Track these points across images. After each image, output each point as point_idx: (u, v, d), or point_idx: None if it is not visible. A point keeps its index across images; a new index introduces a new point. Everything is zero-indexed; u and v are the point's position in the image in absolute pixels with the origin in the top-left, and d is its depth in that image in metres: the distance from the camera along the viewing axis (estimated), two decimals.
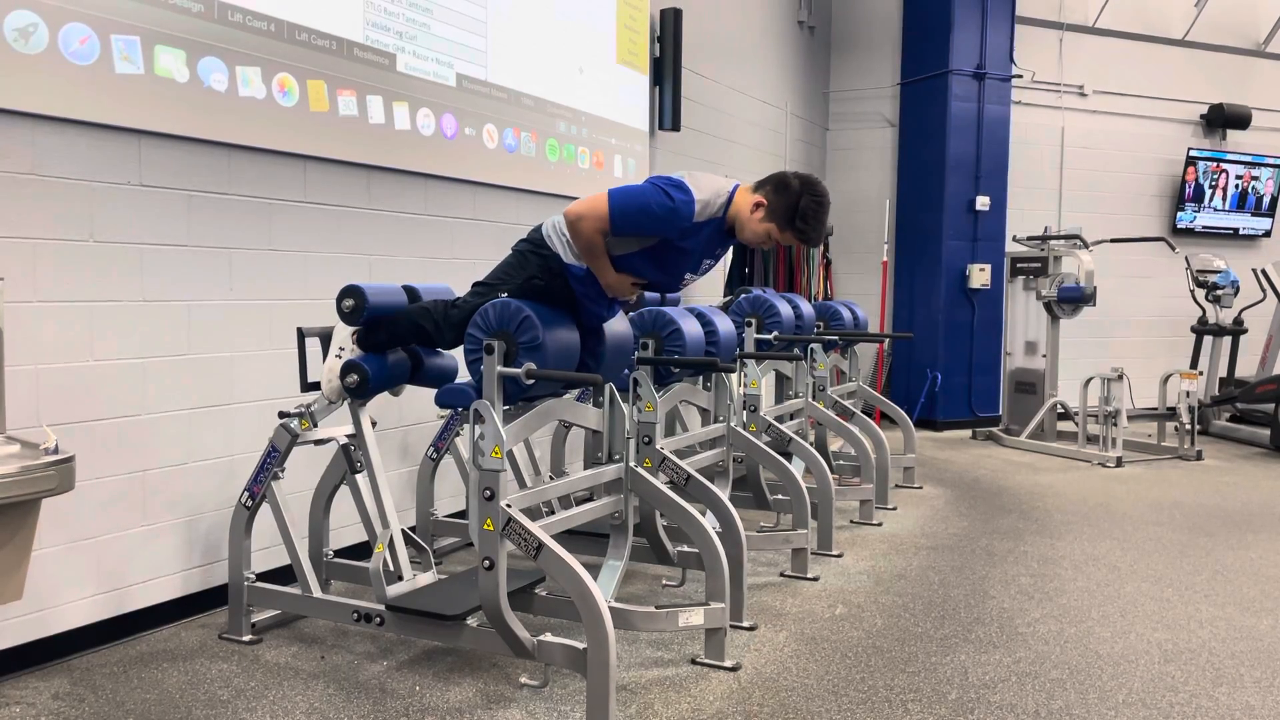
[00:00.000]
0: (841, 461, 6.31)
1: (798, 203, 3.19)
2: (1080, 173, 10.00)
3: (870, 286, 9.48)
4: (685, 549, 3.95)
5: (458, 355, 3.43)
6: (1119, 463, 7.41)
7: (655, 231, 3.15)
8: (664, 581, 4.21)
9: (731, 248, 7.73)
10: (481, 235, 5.15)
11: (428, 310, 3.41)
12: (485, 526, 2.98)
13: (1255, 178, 10.54)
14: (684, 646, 3.58)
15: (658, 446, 3.83)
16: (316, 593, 3.50)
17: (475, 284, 3.36)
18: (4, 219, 3.13)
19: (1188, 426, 7.78)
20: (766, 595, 4.20)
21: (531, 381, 3.00)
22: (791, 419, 5.54)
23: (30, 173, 3.20)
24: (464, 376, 3.58)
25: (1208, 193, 10.37)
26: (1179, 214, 10.30)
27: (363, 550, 4.19)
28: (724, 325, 4.54)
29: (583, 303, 3.30)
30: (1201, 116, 10.43)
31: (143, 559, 3.62)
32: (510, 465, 3.92)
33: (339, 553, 3.99)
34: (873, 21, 9.75)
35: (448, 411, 4.40)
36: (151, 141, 3.56)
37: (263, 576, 3.68)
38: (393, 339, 3.51)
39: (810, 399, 5.63)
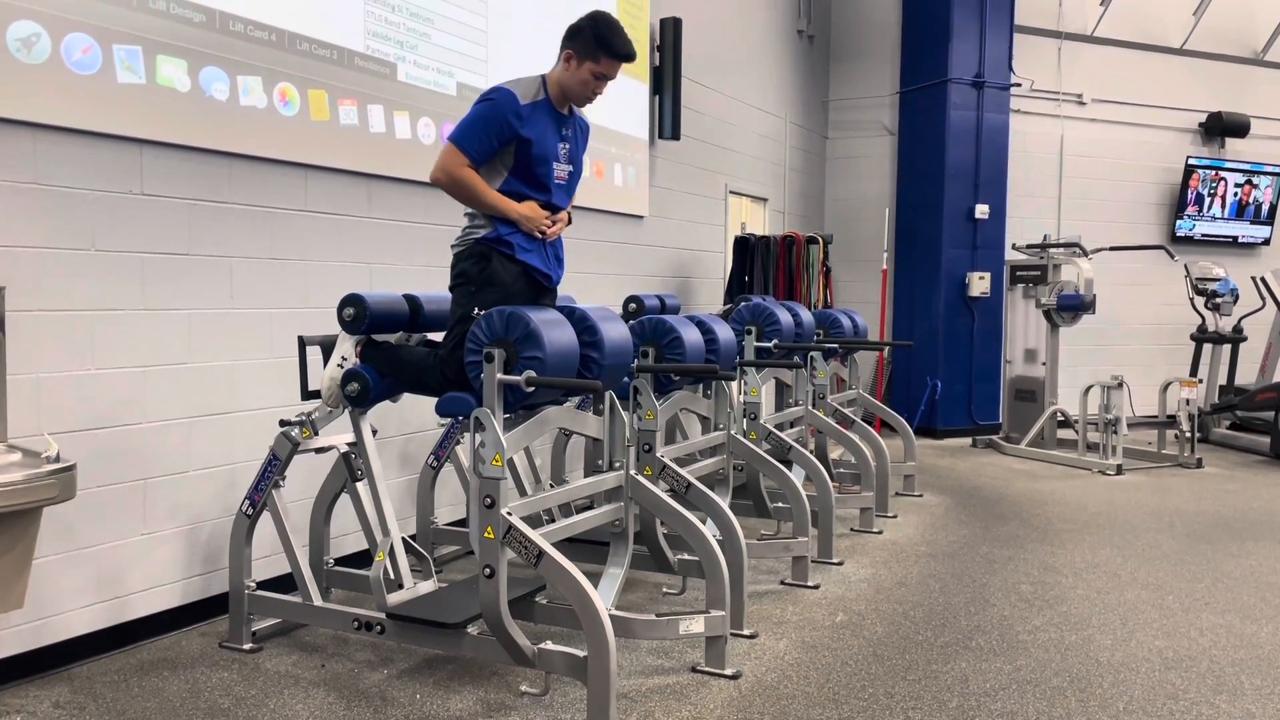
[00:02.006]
0: (842, 469, 6.32)
1: (593, 31, 3.34)
2: (1079, 181, 10.02)
3: (870, 294, 9.50)
4: (686, 557, 3.95)
5: None
6: (1119, 470, 7.41)
7: (500, 133, 3.26)
8: (664, 589, 4.21)
9: (731, 251, 7.76)
10: None
11: (426, 369, 3.39)
12: (486, 534, 2.98)
13: (1254, 186, 10.56)
14: (684, 654, 3.58)
15: (658, 454, 3.83)
16: (317, 601, 3.50)
17: (447, 333, 3.36)
18: (6, 228, 3.14)
19: (1188, 434, 7.78)
20: (767, 603, 4.20)
21: (531, 389, 3.00)
22: (792, 427, 5.55)
23: (32, 182, 3.21)
24: None
25: (1207, 201, 10.39)
26: (1178, 222, 10.31)
27: (363, 558, 4.19)
28: (724, 333, 4.55)
29: (525, 261, 3.35)
30: (1200, 125, 10.46)
31: (143, 567, 3.63)
32: (510, 473, 3.92)
33: (339, 561, 4.00)
34: (872, 30, 9.79)
35: (448, 420, 4.41)
36: (153, 151, 3.57)
37: (263, 585, 3.68)
38: (391, 373, 3.49)
39: (810, 407, 5.64)
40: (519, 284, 3.36)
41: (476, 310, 3.23)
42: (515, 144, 3.30)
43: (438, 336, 3.57)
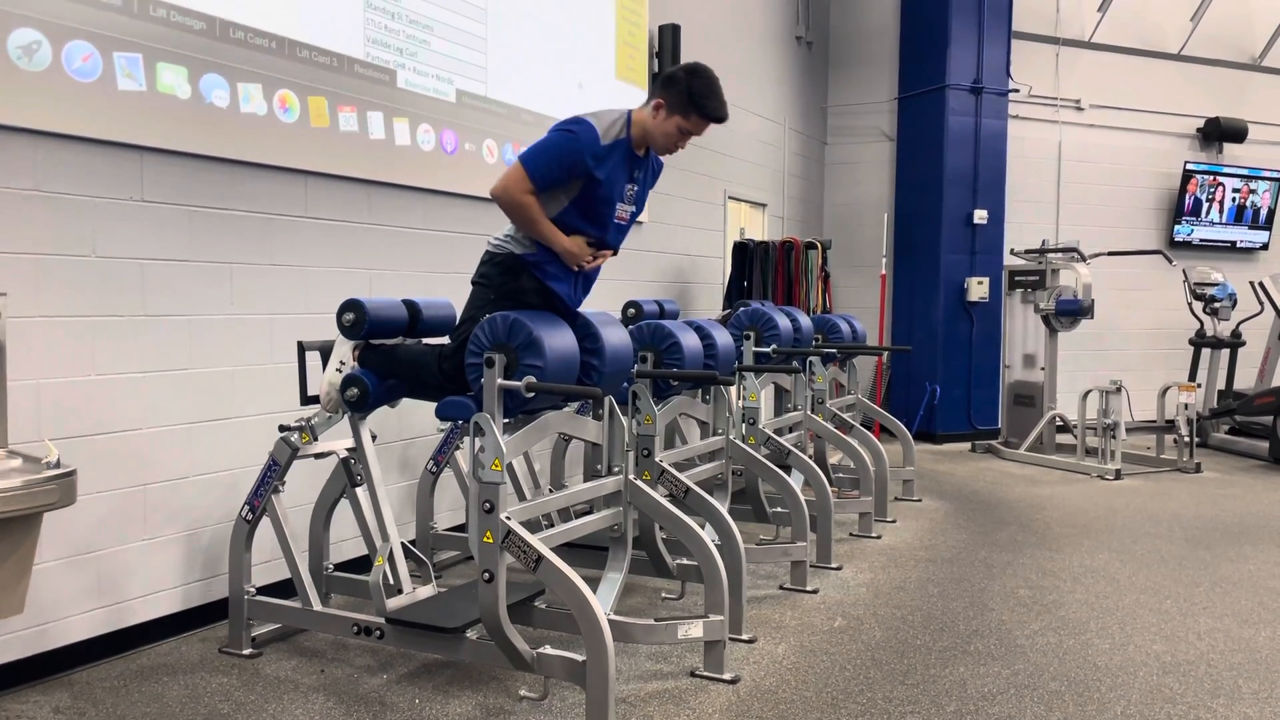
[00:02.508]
0: (840, 474, 6.32)
1: (690, 87, 3.29)
2: (1077, 186, 10.04)
3: (869, 300, 9.51)
4: (684, 562, 3.96)
5: None
6: (1118, 475, 7.42)
7: (571, 168, 3.21)
8: (663, 594, 4.21)
9: (730, 256, 7.77)
10: (481, 249, 5.14)
11: (424, 365, 3.42)
12: (485, 539, 2.99)
13: (1252, 191, 10.58)
14: (683, 659, 3.58)
15: (657, 459, 3.84)
16: (316, 606, 3.51)
17: (455, 329, 3.39)
18: (6, 234, 3.16)
19: (1186, 439, 7.79)
20: (766, 608, 4.21)
21: (531, 394, 3.01)
22: (790, 432, 5.56)
23: (33, 189, 3.22)
24: None
25: (1205, 206, 10.41)
26: (1176, 227, 10.33)
27: (363, 564, 4.19)
28: (722, 338, 4.56)
29: (552, 288, 3.33)
30: (1198, 130, 10.48)
31: (143, 573, 3.63)
32: (510, 478, 3.93)
33: (339, 566, 4.00)
34: (870, 37, 9.81)
35: (447, 425, 4.42)
36: (153, 157, 3.59)
37: (263, 590, 3.69)
38: (390, 373, 3.51)
39: (809, 412, 5.64)
40: (538, 305, 3.33)
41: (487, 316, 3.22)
42: (584, 181, 3.24)
43: (436, 342, 3.58)
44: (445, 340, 3.47)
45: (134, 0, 3.46)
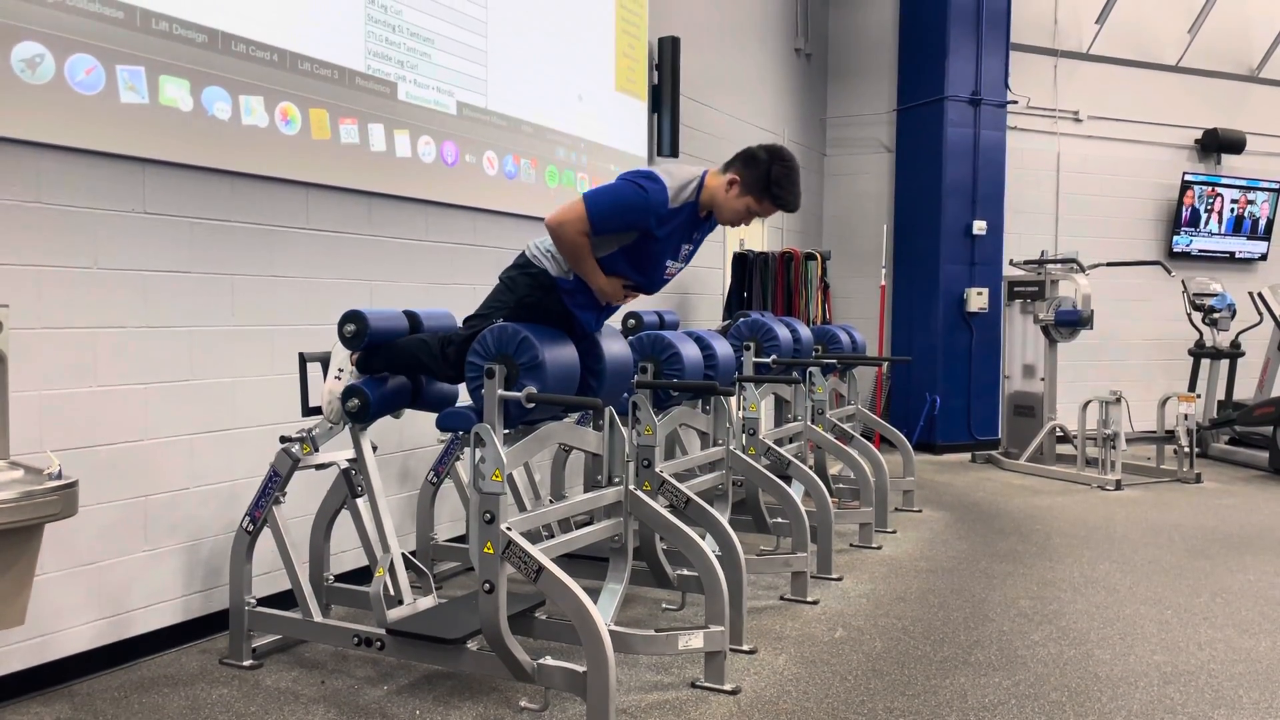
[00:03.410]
0: (841, 485, 6.32)
1: (769, 171, 3.25)
2: (1076, 197, 10.06)
3: (869, 310, 9.52)
4: (685, 572, 3.96)
5: None
6: (1118, 485, 7.42)
7: (633, 224, 3.18)
8: (664, 605, 4.21)
9: (730, 267, 7.79)
10: (482, 260, 5.19)
11: (425, 343, 3.44)
12: (485, 550, 2.99)
13: (1250, 201, 10.61)
14: (684, 670, 3.58)
15: (657, 470, 3.84)
16: (317, 617, 3.51)
17: (467, 318, 3.40)
18: (9, 246, 3.17)
19: (1186, 449, 7.79)
20: (766, 618, 4.21)
21: (532, 405, 3.02)
22: (791, 442, 5.56)
23: (35, 200, 3.24)
24: (464, 400, 3.60)
25: (1203, 217, 10.43)
26: (1175, 238, 10.35)
27: (363, 575, 4.19)
28: (722, 349, 4.57)
29: (575, 313, 3.33)
30: (1196, 141, 10.51)
31: (144, 584, 3.63)
32: (510, 488, 3.93)
33: (339, 577, 4.00)
34: (869, 48, 9.85)
35: (448, 435, 4.42)
36: (155, 170, 3.60)
37: (263, 601, 3.68)
38: (390, 366, 3.53)
39: (809, 422, 5.65)
40: (557, 325, 3.31)
41: (501, 320, 3.23)
42: (641, 234, 3.22)
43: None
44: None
45: (137, 13, 3.48)
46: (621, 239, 3.23)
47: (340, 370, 3.50)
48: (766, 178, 3.25)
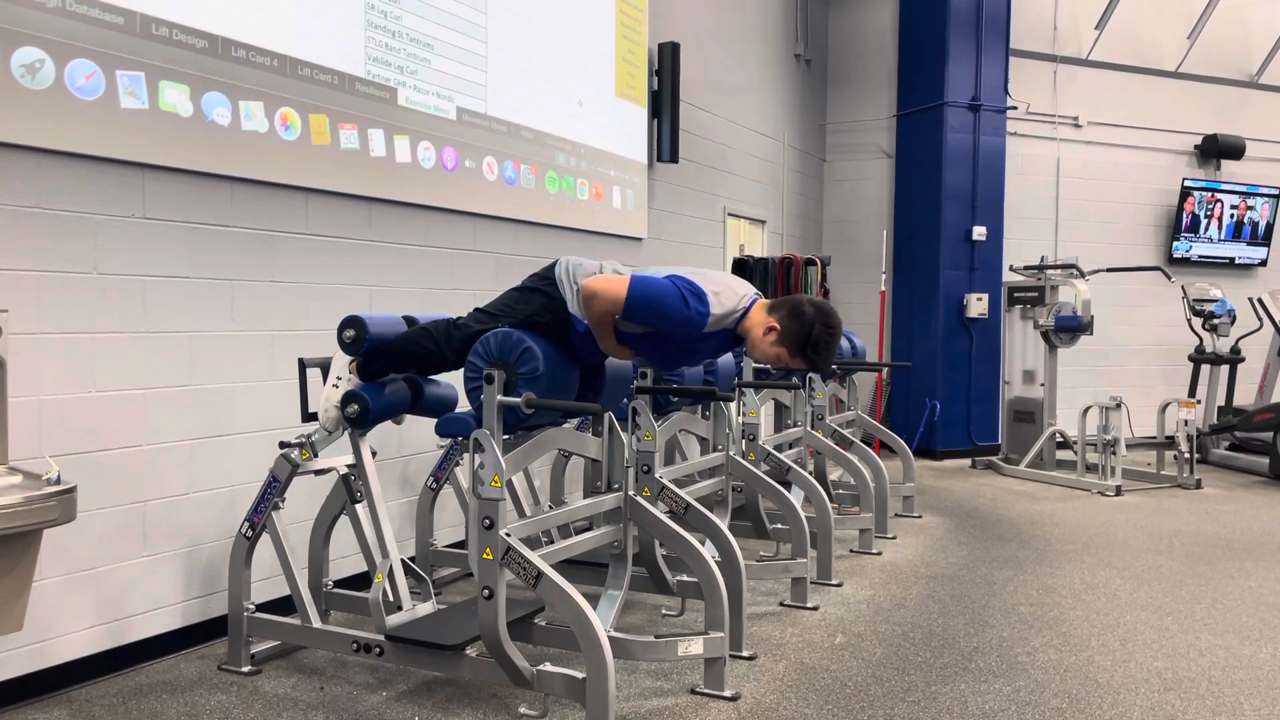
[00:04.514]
0: (841, 491, 6.32)
1: (810, 332, 3.19)
2: (1076, 203, 10.07)
3: (868, 316, 9.52)
4: (684, 578, 3.96)
5: (457, 384, 3.45)
6: (1118, 491, 7.42)
7: (664, 331, 3.16)
8: (663, 611, 4.20)
9: (729, 271, 7.79)
10: (481, 266, 5.19)
11: (428, 331, 3.42)
12: (485, 555, 2.99)
13: (1250, 207, 10.61)
14: (683, 676, 3.57)
15: (657, 475, 3.84)
16: (316, 623, 3.50)
17: (478, 309, 3.37)
18: (8, 251, 3.17)
19: (1186, 455, 7.79)
20: (766, 624, 4.20)
21: (531, 411, 3.02)
22: (790, 448, 5.56)
23: (35, 206, 3.24)
24: (463, 406, 3.60)
25: (1203, 222, 10.44)
26: (1175, 244, 10.35)
27: (362, 580, 4.19)
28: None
29: (578, 348, 3.30)
30: (1196, 147, 10.52)
31: (143, 590, 3.63)
32: (509, 494, 3.93)
33: (339, 583, 4.00)
34: (869, 54, 9.86)
35: (447, 441, 4.42)
36: (155, 175, 3.60)
37: (262, 607, 3.68)
38: (391, 366, 3.51)
39: (809, 428, 5.65)
40: (555, 354, 3.27)
41: (506, 324, 3.21)
42: (671, 335, 3.18)
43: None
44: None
45: (137, 19, 3.49)
46: (648, 329, 3.19)
47: (339, 378, 3.49)
48: (807, 338, 3.20)
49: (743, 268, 7.81)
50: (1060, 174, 9.99)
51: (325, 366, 3.59)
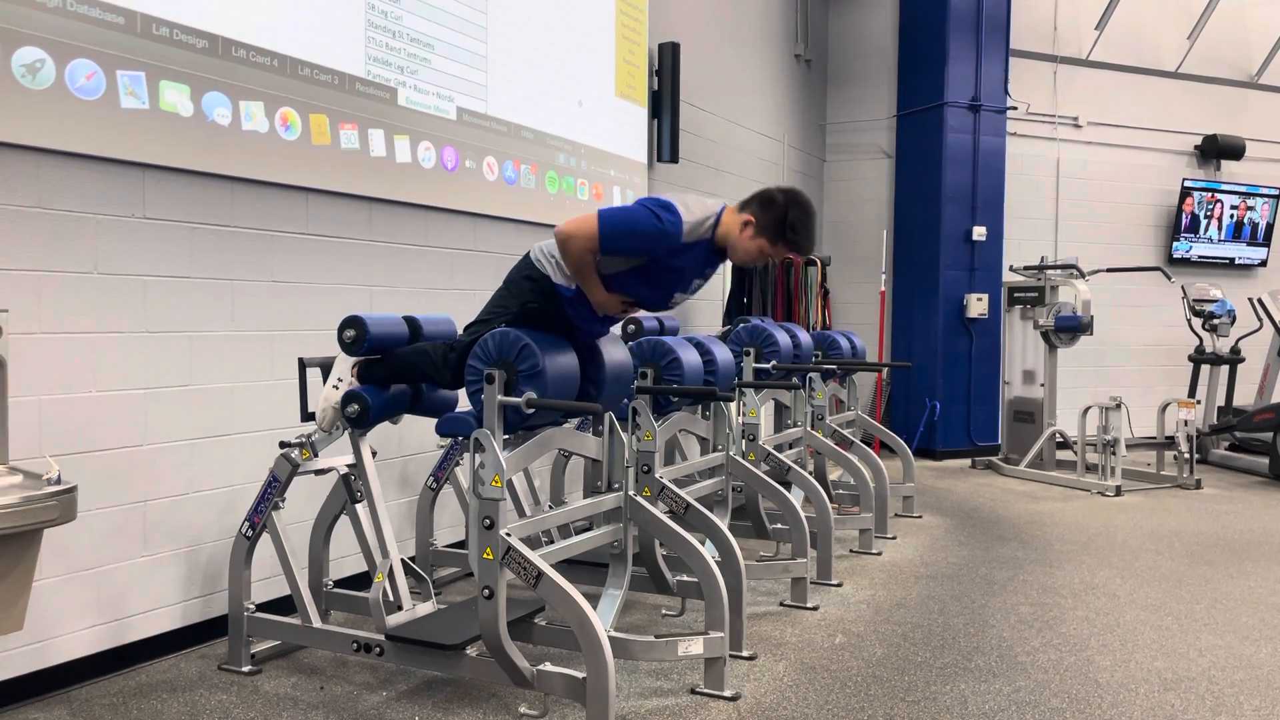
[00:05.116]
0: (841, 491, 6.32)
1: (785, 215, 3.23)
2: (1076, 203, 10.07)
3: (868, 316, 9.53)
4: (684, 578, 3.96)
5: None
6: (1118, 491, 7.42)
7: (643, 251, 3.19)
8: (663, 611, 4.21)
9: (730, 272, 7.79)
10: (482, 266, 5.19)
11: (425, 352, 3.43)
12: (485, 555, 2.99)
13: (1250, 208, 10.61)
14: (683, 676, 3.58)
15: (657, 475, 3.84)
16: (316, 623, 3.50)
17: (469, 325, 3.40)
18: (8, 251, 3.17)
19: (1186, 455, 7.79)
20: (766, 624, 4.20)
21: (531, 410, 3.02)
22: (790, 448, 5.56)
23: (35, 206, 3.24)
24: (464, 406, 3.60)
25: (1203, 223, 10.44)
26: (1175, 244, 10.35)
27: (362, 580, 4.19)
28: (722, 354, 4.57)
29: (575, 322, 3.33)
30: (1196, 147, 10.52)
31: (143, 589, 3.63)
32: (510, 494, 3.93)
33: (339, 583, 4.00)
34: (869, 55, 9.86)
35: (448, 441, 4.42)
36: (155, 175, 3.60)
37: (262, 607, 3.68)
38: (391, 377, 3.53)
39: (809, 428, 5.65)
40: (558, 333, 3.31)
41: (503, 326, 3.23)
42: (652, 261, 3.21)
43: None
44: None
45: (137, 19, 3.49)
46: (630, 261, 3.22)
47: (340, 380, 3.50)
48: (783, 222, 3.23)
49: (742, 267, 7.81)
50: (1060, 174, 9.99)
51: (325, 366, 3.59)
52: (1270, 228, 10.76)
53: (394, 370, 3.51)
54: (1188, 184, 10.28)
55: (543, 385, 3.04)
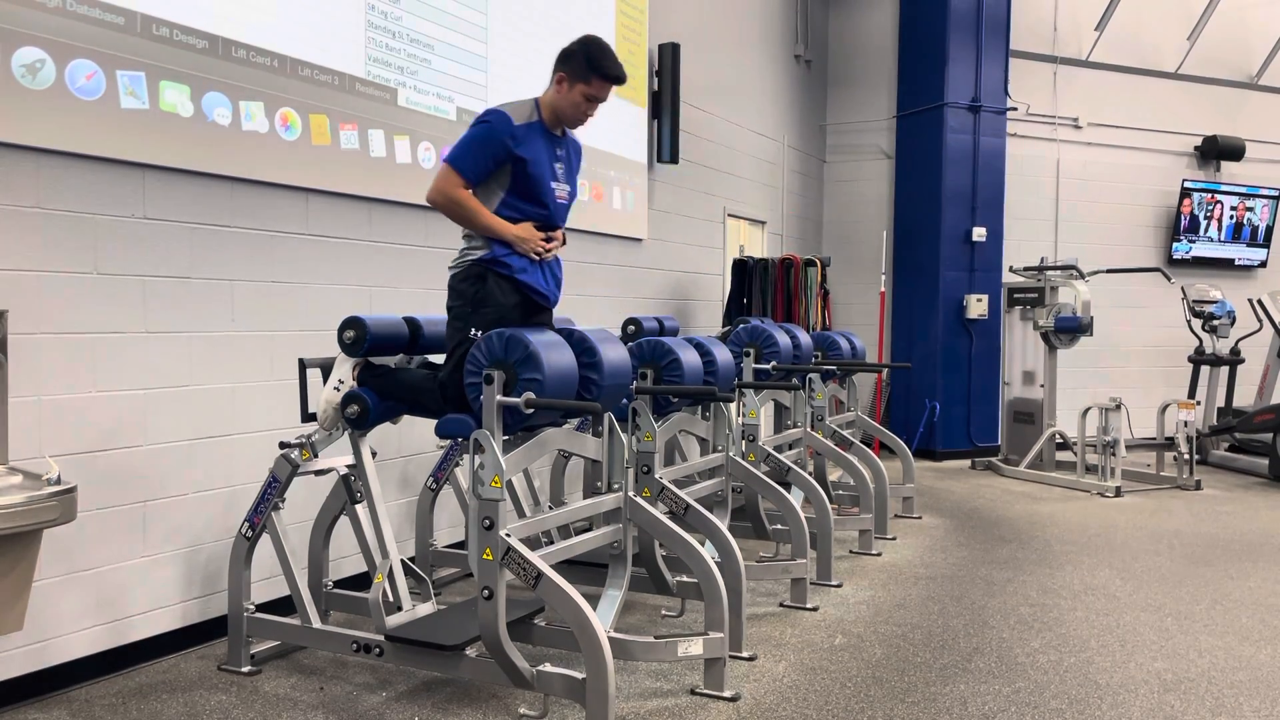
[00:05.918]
0: (840, 491, 6.32)
1: (586, 52, 3.42)
2: (1076, 204, 10.07)
3: (868, 317, 9.53)
4: (684, 579, 3.96)
5: None
6: (1118, 492, 7.42)
7: (495, 153, 3.32)
8: (663, 611, 4.21)
9: (729, 273, 7.79)
10: None
11: (419, 389, 3.44)
12: (485, 556, 2.99)
13: (1250, 209, 10.62)
14: (683, 677, 3.58)
15: (656, 476, 3.84)
16: (316, 623, 3.50)
17: (445, 358, 3.39)
18: (9, 251, 3.17)
19: (1186, 456, 7.79)
20: (766, 625, 4.20)
21: (531, 411, 3.02)
22: (790, 449, 5.56)
23: (35, 206, 3.24)
24: None
25: (1203, 224, 10.44)
26: (1174, 245, 10.36)
27: (362, 581, 4.19)
28: (722, 355, 4.56)
29: (521, 281, 3.37)
30: (1195, 148, 10.53)
31: (143, 590, 3.63)
32: (509, 495, 3.93)
33: (338, 583, 4.00)
34: (869, 55, 9.87)
35: (447, 442, 4.42)
36: (155, 175, 3.60)
37: (262, 607, 3.68)
38: (388, 394, 3.52)
39: (809, 429, 5.65)
40: (515, 304, 3.38)
41: (474, 332, 3.25)
42: (511, 164, 3.34)
43: (437, 359, 3.60)
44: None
45: (137, 19, 3.49)
46: (500, 180, 3.36)
47: (340, 382, 3.50)
48: (587, 59, 3.40)
49: (742, 268, 7.81)
50: (1060, 175, 9.99)
51: (325, 367, 3.59)
52: (1270, 229, 10.76)
53: (392, 393, 3.51)
54: (1187, 185, 10.28)
55: (542, 385, 3.03)
